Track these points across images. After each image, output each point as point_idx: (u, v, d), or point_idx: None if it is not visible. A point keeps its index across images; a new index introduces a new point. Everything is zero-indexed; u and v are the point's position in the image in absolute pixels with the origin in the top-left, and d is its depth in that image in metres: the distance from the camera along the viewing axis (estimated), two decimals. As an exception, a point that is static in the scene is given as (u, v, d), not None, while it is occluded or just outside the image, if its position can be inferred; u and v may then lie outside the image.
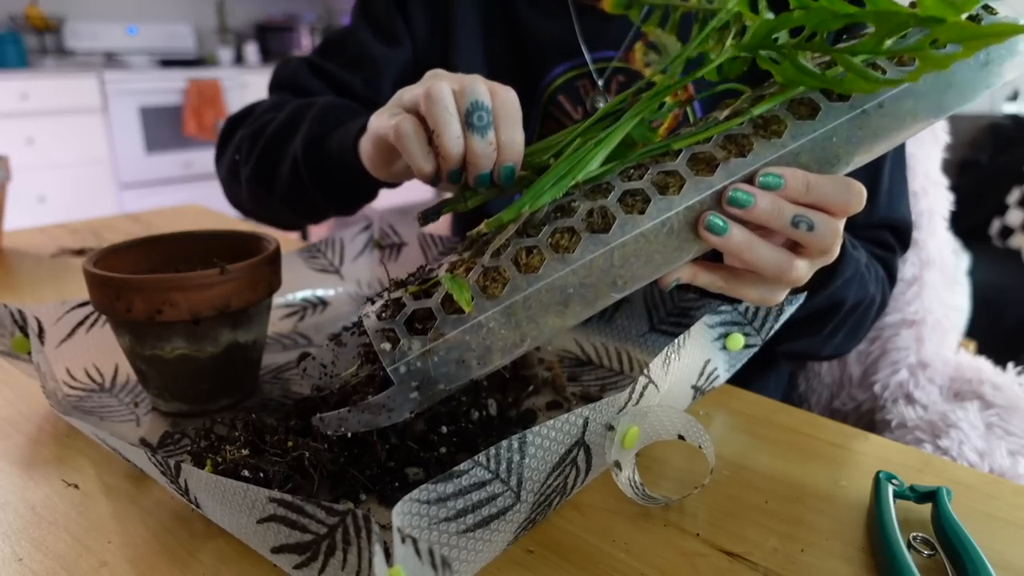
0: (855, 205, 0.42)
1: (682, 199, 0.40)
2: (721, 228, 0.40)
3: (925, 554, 0.37)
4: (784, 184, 0.40)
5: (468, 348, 0.39)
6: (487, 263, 0.40)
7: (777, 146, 0.41)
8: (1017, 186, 2.39)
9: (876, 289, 0.65)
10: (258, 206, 0.77)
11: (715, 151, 0.42)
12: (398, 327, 0.39)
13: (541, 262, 0.39)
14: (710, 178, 0.41)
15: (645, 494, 0.41)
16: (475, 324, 0.39)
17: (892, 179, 0.69)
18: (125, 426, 0.50)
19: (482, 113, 0.43)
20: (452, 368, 0.39)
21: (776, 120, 0.42)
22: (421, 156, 0.45)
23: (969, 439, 0.72)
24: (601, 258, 0.40)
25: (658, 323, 0.59)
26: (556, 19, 0.71)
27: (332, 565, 0.31)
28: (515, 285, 0.39)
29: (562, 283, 0.39)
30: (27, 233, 1.07)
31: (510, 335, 0.39)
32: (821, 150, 0.41)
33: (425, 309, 0.40)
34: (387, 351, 0.39)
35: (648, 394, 0.40)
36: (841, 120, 0.41)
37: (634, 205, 0.41)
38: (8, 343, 0.51)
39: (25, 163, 3.41)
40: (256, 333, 0.53)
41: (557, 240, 0.40)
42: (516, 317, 0.39)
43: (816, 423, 0.51)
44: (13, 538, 0.39)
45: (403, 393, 0.39)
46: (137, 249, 0.56)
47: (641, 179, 0.41)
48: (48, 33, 3.84)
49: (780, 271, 0.42)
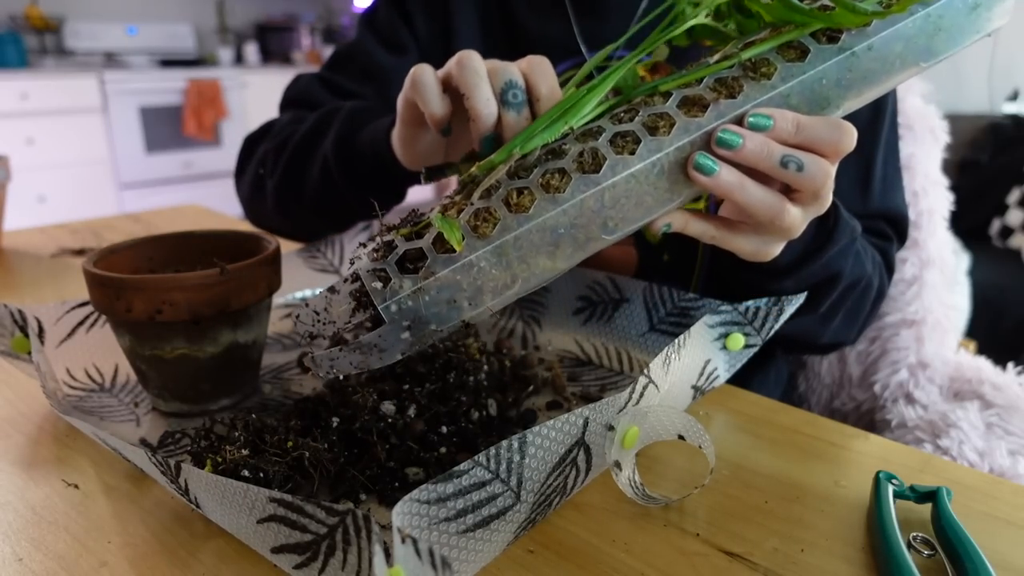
0: (846, 144, 0.42)
1: (672, 140, 0.40)
2: (710, 168, 0.40)
3: (925, 554, 0.37)
4: (773, 124, 0.40)
5: (459, 288, 0.39)
6: (478, 204, 0.40)
7: (767, 88, 0.41)
8: (1017, 186, 2.39)
9: (873, 272, 0.65)
10: (285, 219, 0.76)
11: (705, 93, 0.42)
12: (389, 267, 0.39)
13: (532, 202, 0.40)
14: (700, 119, 0.41)
15: (645, 494, 0.41)
16: (466, 263, 0.39)
17: (886, 170, 0.69)
18: (125, 426, 0.50)
19: (516, 91, 0.44)
20: (443, 308, 0.39)
21: (766, 63, 0.42)
22: (435, 99, 0.45)
23: (969, 439, 0.72)
24: (592, 198, 0.40)
25: (658, 323, 0.59)
26: (554, 20, 0.72)
27: (332, 565, 0.31)
28: (506, 225, 0.39)
29: (553, 223, 0.40)
30: (27, 233, 1.07)
31: (501, 276, 0.39)
32: (811, 92, 0.42)
33: (416, 249, 0.39)
34: (378, 290, 0.39)
35: (648, 394, 0.40)
36: (830, 62, 0.41)
37: (624, 146, 0.41)
38: (8, 343, 0.51)
39: (25, 163, 3.41)
40: (256, 333, 0.53)
41: (547, 180, 0.40)
42: (507, 257, 0.39)
43: (816, 423, 0.51)
44: (13, 538, 0.39)
45: (394, 332, 0.39)
46: (137, 249, 0.56)
47: (632, 121, 0.41)
48: (48, 33, 3.84)
49: (772, 213, 0.42)
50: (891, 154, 0.70)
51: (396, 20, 0.77)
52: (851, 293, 0.62)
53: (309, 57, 4.59)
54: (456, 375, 0.51)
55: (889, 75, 0.42)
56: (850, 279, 0.60)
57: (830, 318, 0.64)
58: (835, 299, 0.61)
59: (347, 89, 0.77)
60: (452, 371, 0.52)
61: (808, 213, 0.44)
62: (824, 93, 0.42)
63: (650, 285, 0.59)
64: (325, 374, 0.41)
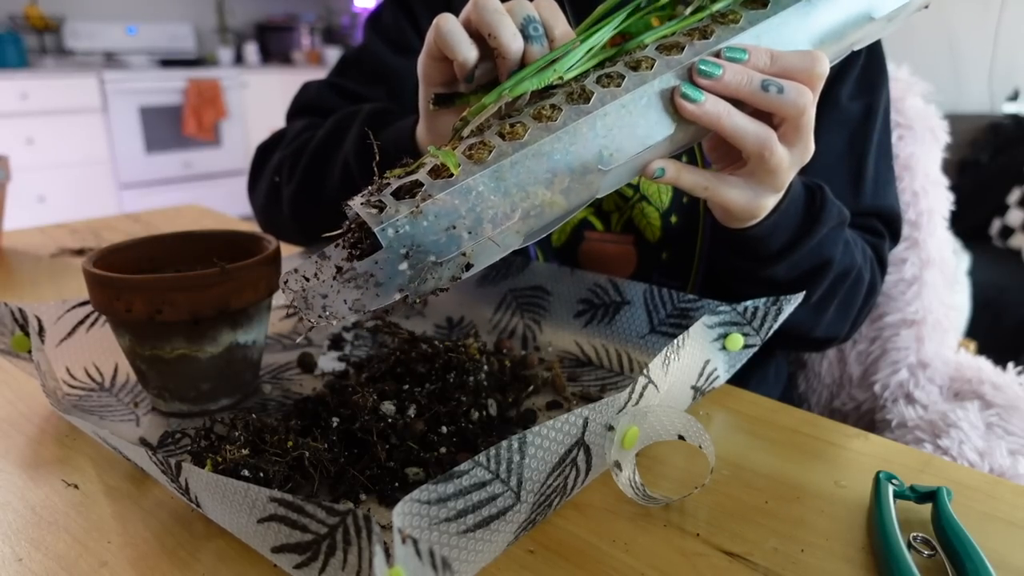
0: (819, 71, 0.44)
1: (655, 73, 0.43)
2: (695, 96, 0.42)
3: (925, 554, 0.37)
4: (748, 56, 0.43)
5: (458, 214, 0.37)
6: (471, 140, 0.40)
7: (736, 30, 0.44)
8: (1017, 186, 2.39)
9: (864, 264, 0.65)
10: (301, 226, 0.75)
11: (680, 39, 0.45)
12: (385, 196, 0.38)
13: (526, 131, 0.40)
14: (679, 56, 0.43)
15: (645, 494, 0.41)
16: (463, 187, 0.38)
17: (877, 168, 0.70)
18: (125, 426, 0.50)
19: (536, 24, 0.45)
20: (442, 236, 0.37)
21: (732, 12, 0.46)
22: (464, 44, 0.45)
23: (969, 439, 0.72)
24: (584, 124, 0.41)
25: (658, 324, 0.59)
26: None
27: (332, 565, 0.31)
28: (502, 151, 0.39)
29: (548, 149, 0.40)
30: (27, 233, 1.07)
31: (500, 203, 0.39)
32: (778, 35, 0.45)
33: (412, 182, 0.38)
34: (374, 215, 0.37)
35: (648, 394, 0.40)
36: (789, 8, 0.45)
37: (611, 82, 0.42)
38: (8, 341, 0.51)
39: (25, 163, 3.41)
40: (256, 333, 0.53)
41: (540, 112, 0.41)
42: (505, 183, 0.39)
43: (816, 423, 0.51)
44: (13, 538, 0.39)
45: (392, 261, 0.37)
46: (137, 249, 0.56)
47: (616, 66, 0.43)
48: (48, 33, 3.84)
49: (760, 142, 0.44)
50: (884, 153, 0.71)
51: (402, 21, 0.77)
52: (843, 283, 0.63)
53: (309, 57, 4.59)
54: (456, 375, 0.51)
55: (844, 26, 0.46)
56: (840, 267, 0.61)
57: (823, 309, 0.64)
58: (827, 288, 0.61)
59: (357, 93, 0.77)
60: (452, 371, 0.52)
61: (794, 156, 0.46)
62: (791, 37, 0.45)
63: (651, 287, 0.59)
64: (318, 318, 0.39)
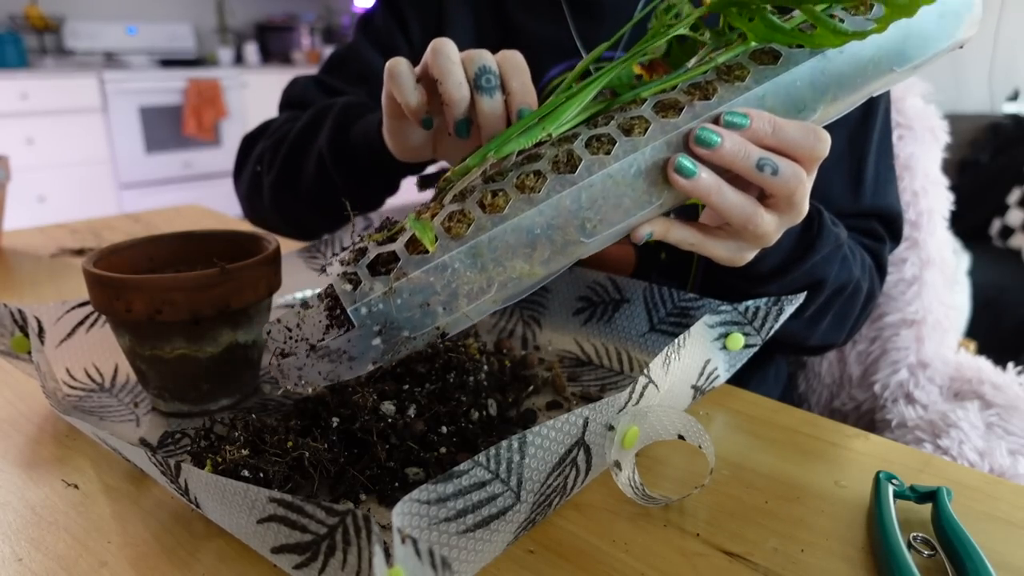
0: (820, 151, 0.42)
1: (648, 140, 0.40)
2: (690, 170, 0.40)
3: (925, 554, 0.37)
4: (750, 123, 0.41)
5: (433, 291, 0.38)
6: (451, 207, 0.39)
7: (741, 89, 0.41)
8: (1017, 186, 2.39)
9: (863, 275, 0.65)
10: (282, 215, 0.77)
11: (679, 96, 0.42)
12: (360, 269, 0.38)
13: (507, 202, 0.39)
14: (676, 119, 0.41)
15: (645, 494, 0.41)
16: (439, 264, 0.38)
17: (878, 168, 0.69)
18: (125, 426, 0.50)
19: (489, 76, 0.45)
20: (416, 313, 0.38)
21: (739, 67, 0.42)
22: (409, 89, 0.46)
23: (969, 439, 0.72)
24: (568, 198, 0.39)
25: (658, 323, 0.59)
26: (549, 21, 0.72)
27: (332, 565, 0.31)
28: (480, 225, 0.38)
29: (528, 223, 0.39)
30: (27, 233, 1.07)
31: (476, 278, 0.38)
32: (786, 95, 0.42)
33: (389, 253, 0.38)
34: (348, 292, 0.37)
35: (648, 394, 0.40)
36: (803, 64, 0.41)
37: (600, 147, 0.40)
38: (8, 342, 0.51)
39: (25, 163, 3.41)
40: (256, 333, 0.53)
41: (522, 181, 0.40)
42: (482, 259, 0.38)
43: (816, 423, 0.51)
44: (13, 538, 0.39)
45: (365, 339, 0.37)
46: (137, 249, 0.56)
47: (607, 126, 0.41)
48: (48, 33, 3.84)
49: (746, 218, 0.42)
50: (884, 153, 0.70)
51: (391, 24, 0.78)
52: (838, 298, 0.62)
53: (309, 57, 4.59)
54: (456, 375, 0.51)
55: (864, 79, 0.42)
56: (836, 285, 0.60)
57: (817, 322, 0.64)
58: (821, 304, 0.61)
59: (342, 92, 0.78)
60: (452, 371, 0.52)
61: (783, 221, 0.44)
62: (799, 95, 0.42)
63: (650, 285, 0.59)
64: (293, 385, 0.40)
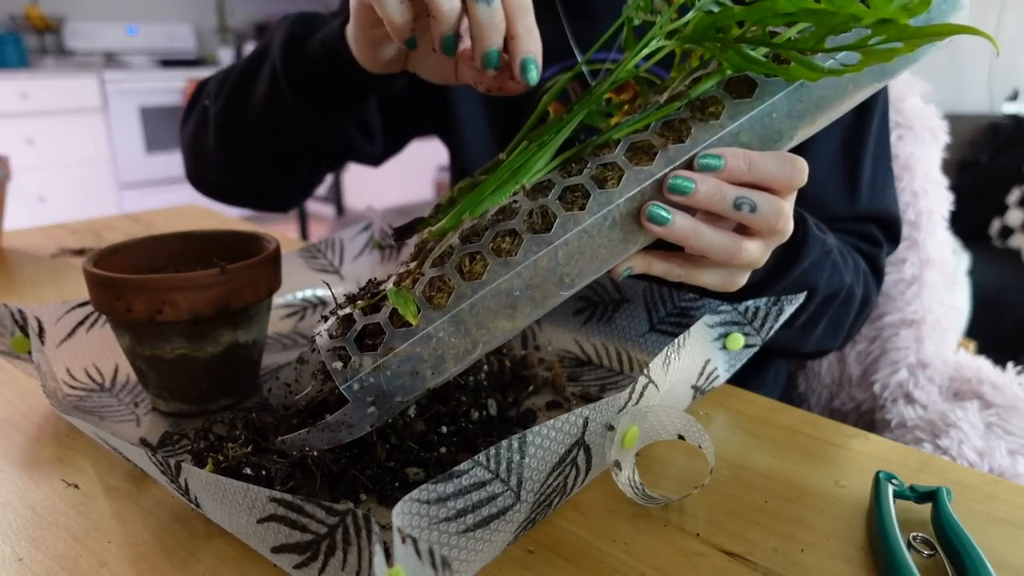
0: (798, 180, 0.41)
1: (621, 191, 0.40)
2: (663, 218, 0.40)
3: (925, 554, 0.37)
4: (724, 164, 0.40)
5: (420, 359, 0.39)
6: (431, 273, 0.40)
7: (716, 128, 0.40)
8: (1017, 186, 2.39)
9: (856, 281, 0.63)
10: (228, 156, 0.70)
11: (653, 139, 0.41)
12: (348, 344, 0.39)
13: (485, 268, 0.39)
14: (649, 167, 0.40)
15: (645, 494, 0.41)
16: (424, 335, 0.39)
17: (875, 170, 0.68)
18: (125, 426, 0.50)
19: None
20: (406, 380, 0.39)
21: (713, 101, 0.41)
22: (393, 6, 0.41)
23: (969, 439, 0.72)
24: (545, 258, 0.39)
25: (658, 323, 0.59)
26: (545, 23, 0.71)
27: (332, 565, 0.31)
28: (460, 293, 0.39)
29: (508, 287, 0.39)
30: (27, 233, 1.07)
31: (461, 342, 0.39)
32: (762, 127, 0.41)
33: (374, 324, 0.40)
34: (339, 370, 0.39)
35: (648, 394, 0.40)
36: (779, 95, 0.40)
37: (574, 202, 0.40)
38: (8, 343, 0.51)
39: (25, 163, 3.41)
40: (256, 333, 0.53)
41: (499, 244, 0.40)
42: (465, 324, 0.39)
43: (816, 423, 0.51)
44: (13, 538, 0.39)
45: (360, 409, 0.39)
46: (137, 249, 0.56)
47: (581, 174, 0.41)
48: (48, 33, 3.84)
49: (729, 255, 0.42)
50: (881, 155, 0.69)
51: None
52: (830, 305, 0.61)
53: (309, 57, 4.59)
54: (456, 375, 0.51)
55: (842, 100, 0.42)
56: (826, 292, 0.59)
57: (810, 330, 0.63)
58: (812, 312, 0.60)
59: None
60: (452, 371, 0.52)
61: (768, 244, 0.44)
62: (776, 126, 0.41)
63: (650, 285, 0.59)
64: (298, 453, 0.41)
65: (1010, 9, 2.72)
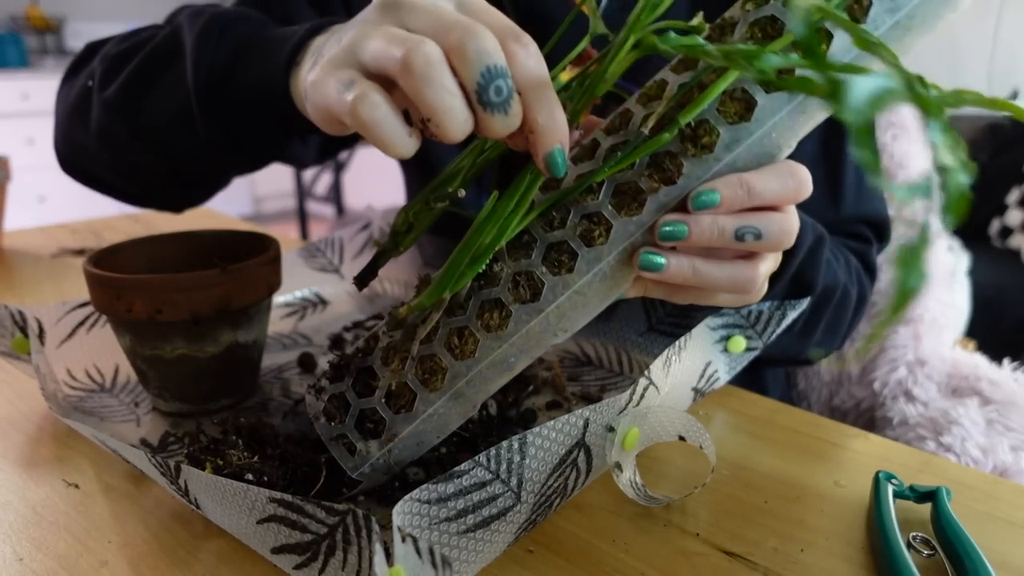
0: (804, 191, 0.38)
1: (611, 246, 0.37)
2: (657, 264, 0.37)
3: (925, 554, 0.37)
4: (721, 199, 0.36)
5: (424, 432, 0.40)
6: (421, 351, 0.40)
7: (710, 162, 0.37)
8: (1017, 186, 2.39)
9: (850, 279, 0.62)
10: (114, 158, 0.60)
11: (640, 182, 0.37)
12: (351, 433, 0.40)
13: (476, 345, 0.39)
14: (639, 216, 0.37)
15: (647, 495, 0.41)
16: (426, 416, 0.39)
17: (859, 173, 0.66)
18: (125, 426, 0.50)
19: (500, 84, 0.31)
20: (413, 450, 0.40)
21: (707, 128, 0.37)
22: (401, 142, 0.33)
23: (971, 436, 0.72)
24: (537, 325, 0.39)
25: (656, 323, 0.59)
26: None
27: (332, 565, 0.31)
28: (456, 372, 0.39)
29: (502, 356, 0.39)
30: (27, 233, 1.07)
31: (462, 408, 0.40)
32: (760, 148, 0.37)
33: (371, 410, 0.40)
34: (348, 458, 0.40)
35: (649, 396, 0.40)
36: (781, 113, 0.36)
37: (561, 264, 0.38)
38: (8, 344, 0.51)
39: (25, 163, 3.41)
40: (256, 333, 0.53)
41: (487, 320, 0.39)
42: (464, 396, 0.39)
43: (816, 423, 0.51)
44: (13, 538, 0.39)
45: (375, 479, 0.41)
46: (137, 249, 0.56)
47: (564, 225, 0.38)
48: (48, 33, 3.84)
49: (737, 285, 0.39)
50: None
51: None
52: (827, 304, 0.60)
53: (309, 57, 4.58)
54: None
55: None
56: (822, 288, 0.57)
57: (809, 334, 0.61)
58: (810, 314, 0.59)
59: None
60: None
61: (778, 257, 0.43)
62: (775, 143, 0.37)
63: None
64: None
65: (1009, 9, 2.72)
